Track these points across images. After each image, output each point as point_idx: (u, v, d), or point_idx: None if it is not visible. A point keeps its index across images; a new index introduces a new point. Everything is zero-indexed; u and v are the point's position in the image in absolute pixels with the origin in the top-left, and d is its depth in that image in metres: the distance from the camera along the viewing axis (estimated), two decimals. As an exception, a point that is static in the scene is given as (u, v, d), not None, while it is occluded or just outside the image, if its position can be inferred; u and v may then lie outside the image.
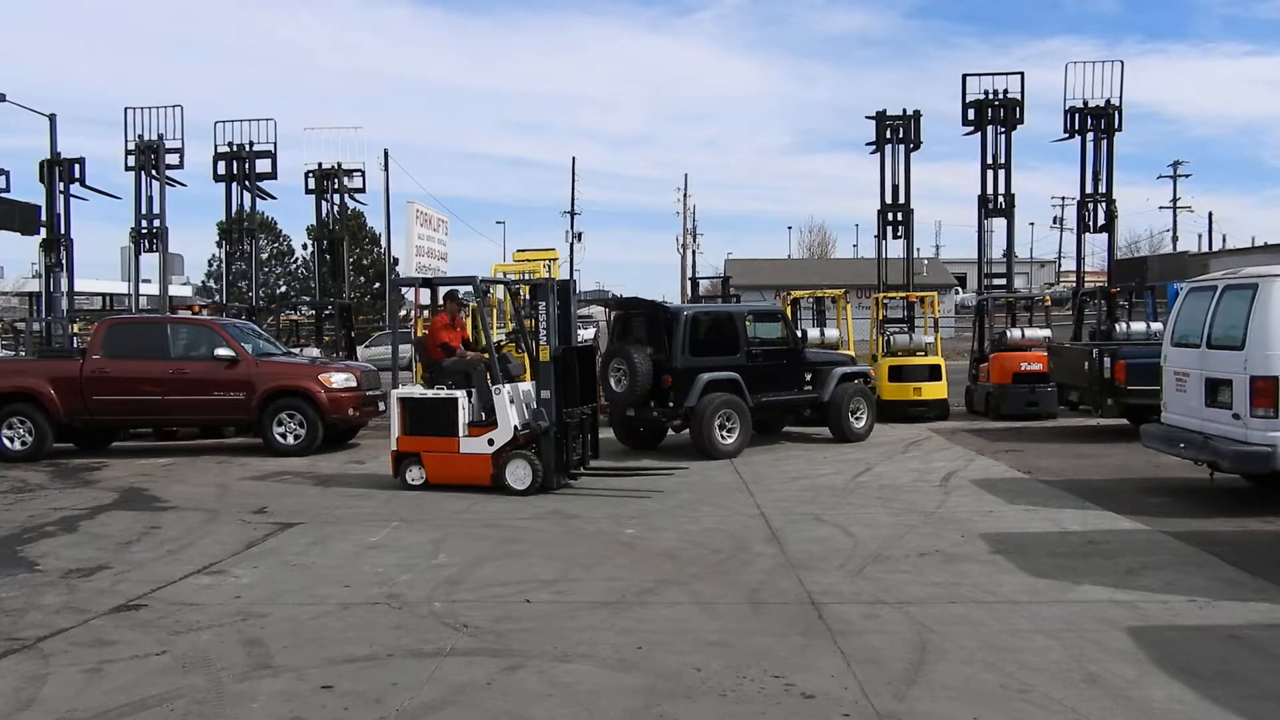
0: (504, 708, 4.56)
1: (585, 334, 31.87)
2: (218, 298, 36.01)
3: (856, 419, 14.12)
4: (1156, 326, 15.99)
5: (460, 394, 10.38)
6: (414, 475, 10.56)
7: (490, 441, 10.19)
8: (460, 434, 10.29)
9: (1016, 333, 17.46)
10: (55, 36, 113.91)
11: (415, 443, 10.54)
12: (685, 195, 59.16)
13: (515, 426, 10.17)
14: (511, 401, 10.22)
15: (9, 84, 57.12)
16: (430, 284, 12.14)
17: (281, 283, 54.42)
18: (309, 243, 32.40)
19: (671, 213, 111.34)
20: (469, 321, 12.79)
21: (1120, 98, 18.29)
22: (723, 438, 12.55)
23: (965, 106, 18.76)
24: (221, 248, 33.47)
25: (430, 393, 10.62)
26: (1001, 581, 6.56)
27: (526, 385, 10.65)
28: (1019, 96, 18.57)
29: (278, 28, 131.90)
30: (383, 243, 45.75)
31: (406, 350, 14.29)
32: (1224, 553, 7.20)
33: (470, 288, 11.57)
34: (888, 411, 16.00)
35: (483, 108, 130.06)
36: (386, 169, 39.72)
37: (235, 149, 19.26)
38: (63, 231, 19.31)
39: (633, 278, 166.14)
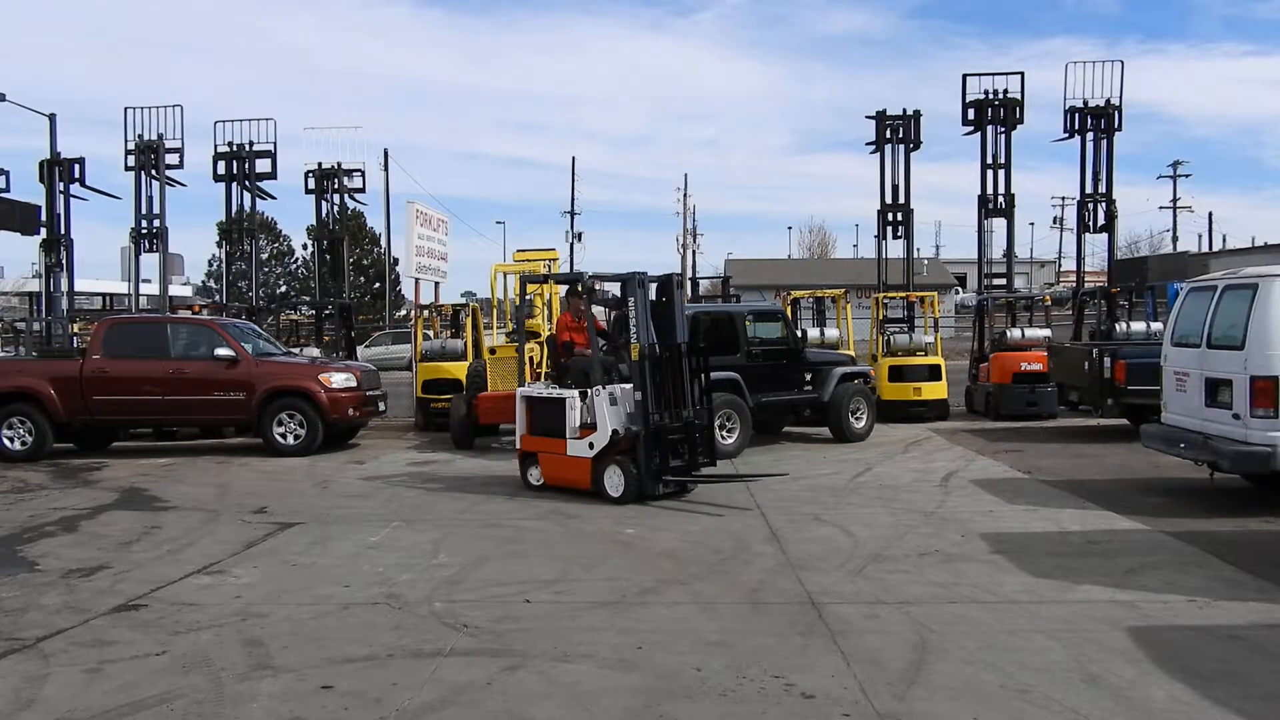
0: (504, 708, 4.56)
1: None
2: (218, 298, 36.00)
3: (856, 419, 14.12)
4: (1156, 326, 15.99)
5: (571, 394, 9.86)
6: (534, 476, 10.28)
7: (590, 445, 9.66)
8: (568, 435, 9.82)
9: (1016, 333, 17.45)
10: (55, 36, 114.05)
11: (535, 443, 10.23)
12: (685, 195, 59.42)
13: (614, 430, 9.52)
14: (614, 404, 9.61)
15: (9, 84, 57.32)
16: (547, 282, 11.94)
17: (281, 283, 54.46)
18: (309, 243, 32.49)
19: (671, 213, 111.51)
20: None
21: (1120, 98, 18.33)
22: (723, 438, 12.51)
23: (965, 106, 18.78)
24: (221, 248, 33.45)
25: (546, 392, 10.30)
26: (1001, 581, 6.56)
27: (628, 387, 9.83)
28: (1019, 96, 18.60)
29: (278, 28, 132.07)
30: (383, 243, 45.90)
31: (405, 350, 14.28)
32: (1224, 553, 7.20)
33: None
34: (888, 411, 16.00)
35: (483, 108, 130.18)
36: (386, 169, 39.88)
37: (235, 149, 19.27)
38: (63, 231, 19.33)
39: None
